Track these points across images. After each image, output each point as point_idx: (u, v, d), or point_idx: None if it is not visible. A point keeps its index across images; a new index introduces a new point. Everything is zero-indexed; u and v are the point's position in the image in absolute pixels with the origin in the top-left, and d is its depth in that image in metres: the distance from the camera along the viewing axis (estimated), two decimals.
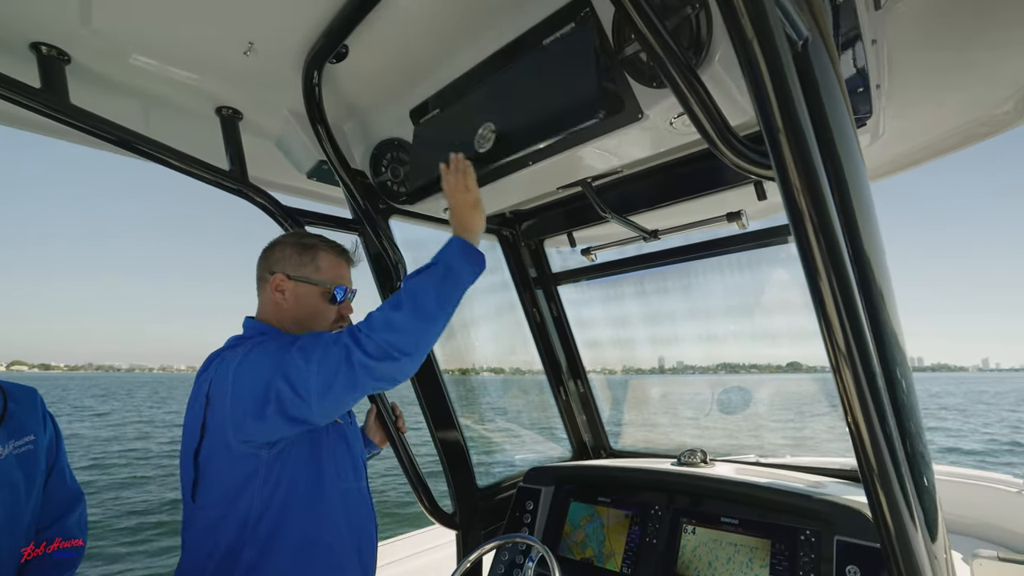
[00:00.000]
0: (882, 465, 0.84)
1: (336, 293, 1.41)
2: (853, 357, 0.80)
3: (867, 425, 0.83)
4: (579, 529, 1.81)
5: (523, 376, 2.56)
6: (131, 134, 1.38)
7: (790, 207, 0.79)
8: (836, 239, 0.78)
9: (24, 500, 1.23)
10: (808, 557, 1.34)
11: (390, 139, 1.67)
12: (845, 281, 0.79)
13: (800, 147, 0.77)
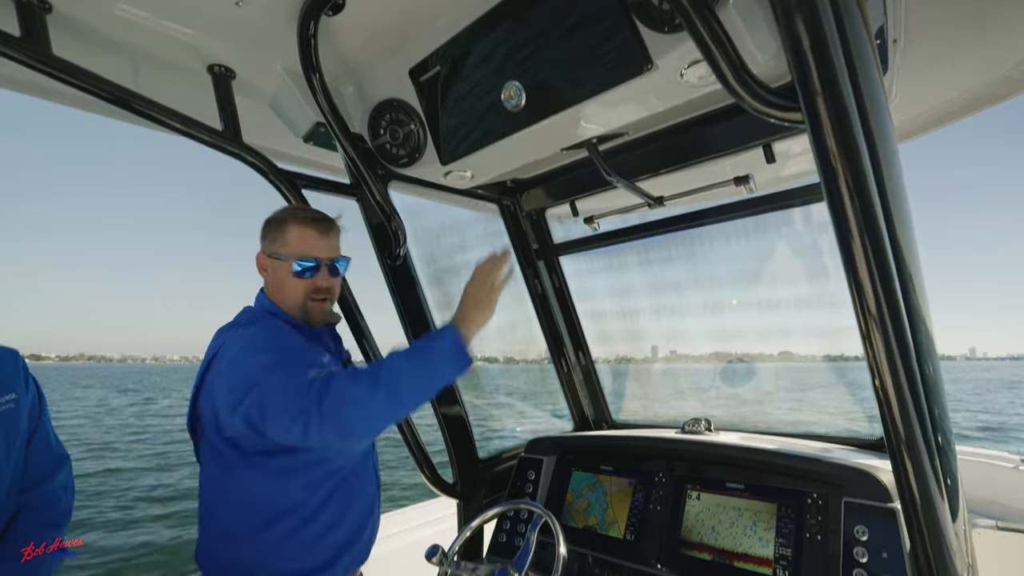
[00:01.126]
0: (910, 431, 0.82)
1: (295, 266, 1.39)
2: (884, 320, 0.77)
3: (896, 392, 0.80)
4: (581, 498, 1.80)
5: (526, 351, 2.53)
6: (120, 90, 1.33)
7: (821, 158, 0.75)
8: (869, 192, 0.74)
9: (3, 458, 1.20)
10: (815, 520, 1.33)
11: (389, 100, 1.61)
12: (878, 238, 0.75)
13: (833, 93, 0.73)
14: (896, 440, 0.84)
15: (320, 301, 1.44)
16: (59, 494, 1.33)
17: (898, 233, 0.80)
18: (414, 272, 1.94)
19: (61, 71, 1.22)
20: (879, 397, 0.83)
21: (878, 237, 0.74)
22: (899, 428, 0.82)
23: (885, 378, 0.80)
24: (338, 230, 1.49)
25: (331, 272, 1.44)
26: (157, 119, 1.38)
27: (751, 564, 1.37)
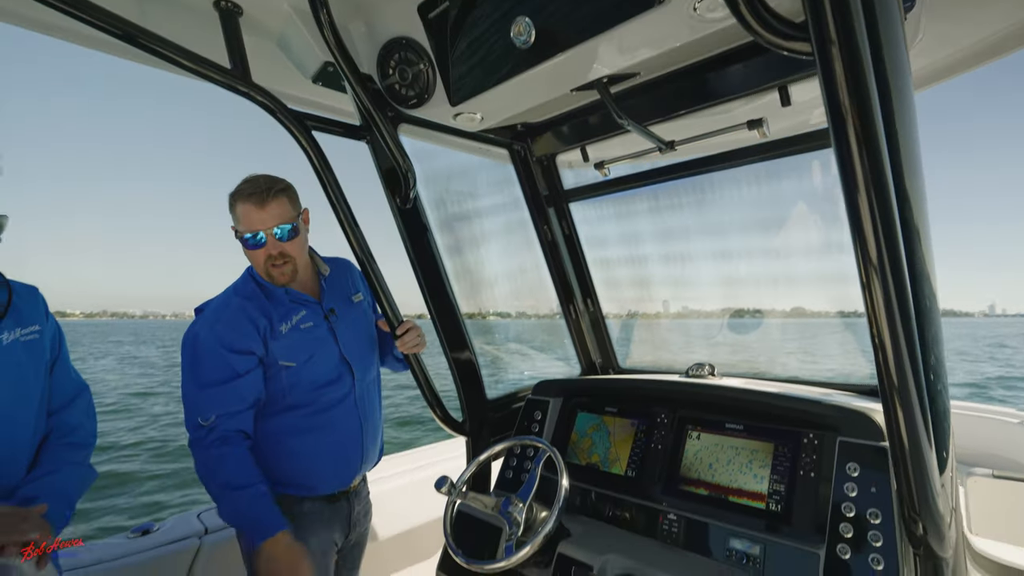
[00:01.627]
0: (903, 379, 0.83)
1: (244, 240, 1.57)
2: (884, 269, 0.77)
3: (892, 340, 0.81)
4: (586, 437, 1.87)
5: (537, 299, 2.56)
6: (128, 25, 1.32)
7: (830, 99, 0.73)
8: (877, 137, 0.73)
9: (32, 381, 1.29)
10: (810, 458, 1.38)
11: (398, 38, 1.59)
12: (883, 184, 0.74)
13: (846, 26, 0.70)
14: (888, 386, 0.85)
15: (279, 266, 1.59)
16: (80, 419, 1.42)
17: (906, 181, 0.80)
18: (424, 216, 1.96)
19: (85, 12, 1.22)
20: (874, 343, 0.84)
21: (883, 183, 0.73)
22: (892, 374, 0.84)
23: (882, 327, 0.81)
24: (281, 197, 1.58)
25: (278, 239, 1.56)
26: (165, 56, 1.37)
27: (745, 498, 1.43)
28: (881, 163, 0.71)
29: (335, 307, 1.76)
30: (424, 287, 1.98)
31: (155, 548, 1.91)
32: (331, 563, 1.72)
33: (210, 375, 1.52)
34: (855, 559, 1.20)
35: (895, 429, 0.87)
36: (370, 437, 1.79)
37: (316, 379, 1.65)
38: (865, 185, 0.73)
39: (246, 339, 1.55)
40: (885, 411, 0.86)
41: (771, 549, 1.33)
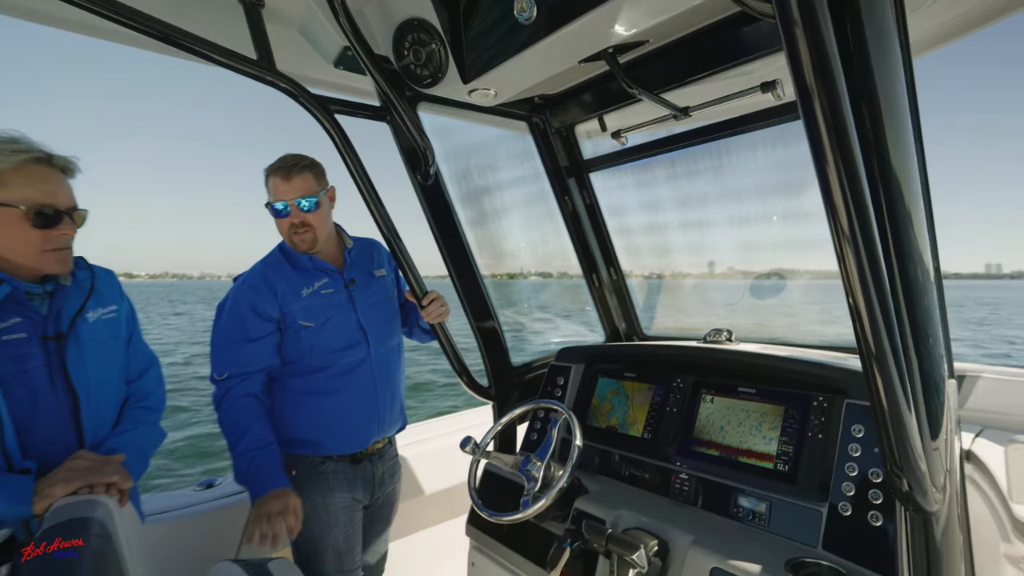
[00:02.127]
0: (879, 345, 0.84)
1: (272, 210, 1.75)
2: (856, 238, 0.78)
3: (867, 307, 0.82)
4: (606, 401, 1.94)
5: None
6: (163, 25, 1.42)
7: (794, 67, 0.73)
8: (842, 109, 0.72)
9: (114, 354, 1.48)
10: (818, 420, 1.40)
11: (411, 19, 1.64)
12: (848, 150, 0.74)
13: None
14: (866, 352, 0.86)
15: (300, 234, 1.76)
16: (152, 387, 1.61)
17: (889, 148, 0.80)
18: (446, 191, 2.03)
19: (112, 11, 1.33)
20: (851, 310, 0.85)
21: (848, 149, 0.73)
22: (869, 341, 0.84)
23: (856, 295, 0.82)
24: (306, 173, 1.74)
25: (300, 209, 1.73)
26: (196, 51, 1.47)
27: (754, 459, 1.47)
28: (846, 132, 0.73)
29: (356, 278, 1.90)
30: (447, 260, 2.06)
31: (217, 500, 2.13)
32: (355, 519, 1.87)
33: (228, 335, 1.73)
34: (855, 515, 1.23)
35: (874, 393, 0.89)
36: (386, 403, 1.91)
37: (333, 343, 1.79)
38: (832, 153, 0.74)
39: (265, 302, 1.72)
40: (864, 374, 0.88)
41: (777, 506, 1.38)
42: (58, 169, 1.32)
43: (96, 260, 1.54)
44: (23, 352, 1.26)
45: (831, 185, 0.75)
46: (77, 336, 1.35)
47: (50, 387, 1.29)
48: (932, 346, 0.93)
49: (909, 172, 0.85)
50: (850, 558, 1.20)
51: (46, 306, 1.34)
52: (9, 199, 1.23)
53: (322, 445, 1.82)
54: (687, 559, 1.31)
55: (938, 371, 0.96)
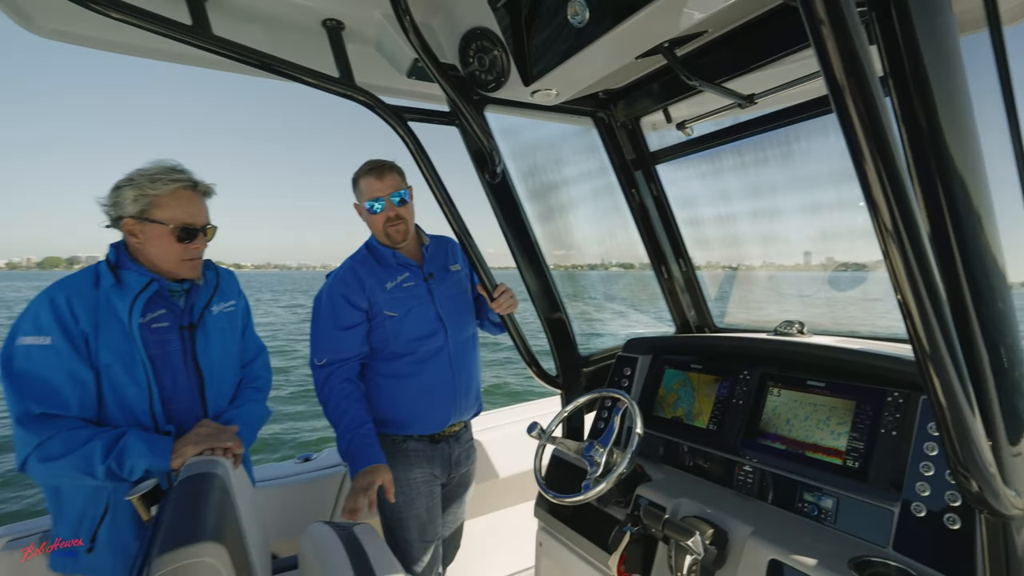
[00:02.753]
0: (934, 346, 0.81)
1: (368, 207, 1.94)
2: (900, 235, 0.75)
3: (918, 306, 0.79)
4: (672, 392, 1.95)
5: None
6: (260, 55, 1.62)
7: (821, 56, 0.73)
8: (875, 104, 0.71)
9: (232, 342, 1.75)
10: (893, 417, 1.34)
11: (474, 28, 1.73)
12: (885, 146, 0.72)
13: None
14: (920, 352, 0.83)
15: (395, 225, 1.93)
16: (261, 371, 1.88)
17: (947, 140, 0.78)
18: (513, 189, 2.12)
19: (221, 47, 1.54)
20: (902, 311, 0.83)
21: (885, 145, 0.71)
22: (923, 342, 0.81)
23: (906, 294, 0.79)
24: (397, 170, 1.93)
25: (395, 203, 1.91)
26: (287, 74, 1.66)
27: (820, 454, 1.43)
28: (883, 131, 0.72)
29: (434, 272, 2.05)
30: (516, 255, 2.15)
31: (314, 471, 2.38)
32: (435, 493, 2.03)
33: (325, 324, 1.93)
34: (930, 517, 1.18)
35: (932, 394, 0.86)
36: (463, 388, 2.05)
37: (414, 332, 1.95)
38: (871, 153, 0.73)
39: (355, 294, 1.91)
40: (918, 370, 0.86)
41: (844, 503, 1.34)
42: (200, 194, 1.59)
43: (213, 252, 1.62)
44: (165, 338, 1.53)
45: (868, 176, 0.75)
46: (204, 326, 1.62)
47: (184, 367, 1.56)
48: (1000, 341, 0.88)
49: (971, 164, 0.82)
50: (922, 560, 1.16)
51: (183, 301, 1.61)
52: (163, 218, 1.52)
53: (404, 425, 1.98)
54: (745, 549, 1.32)
55: (1006, 367, 0.91)
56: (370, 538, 1.54)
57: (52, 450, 1.33)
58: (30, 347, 1.37)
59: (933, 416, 0.91)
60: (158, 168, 1.57)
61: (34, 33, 1.66)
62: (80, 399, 1.41)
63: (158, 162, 1.59)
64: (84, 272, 1.52)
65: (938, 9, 0.79)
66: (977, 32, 1.20)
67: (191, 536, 0.95)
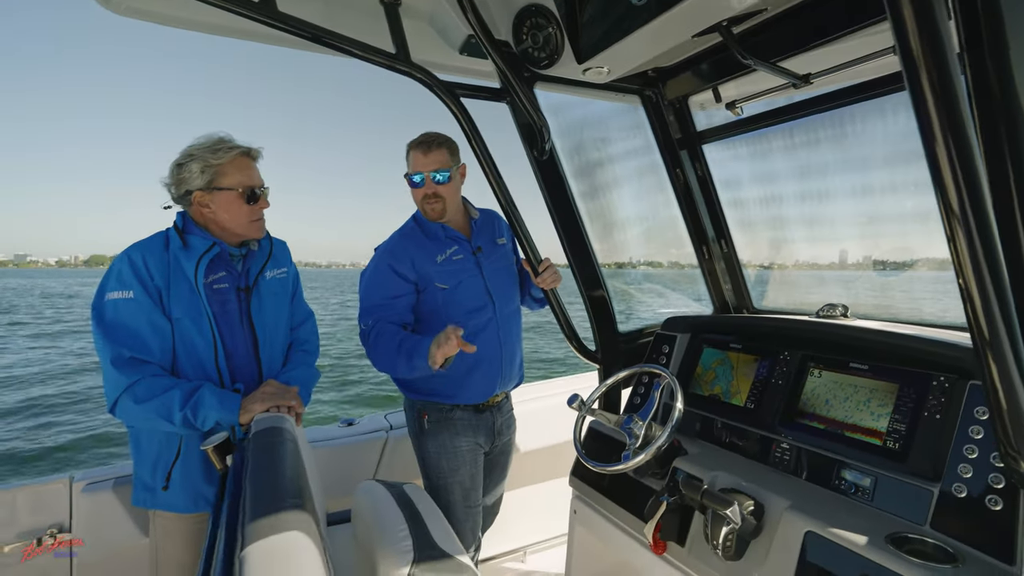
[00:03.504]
0: (993, 329, 0.83)
1: (410, 180, 1.98)
2: (968, 220, 0.77)
3: (980, 290, 0.81)
4: (710, 371, 1.98)
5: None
6: (319, 30, 1.68)
7: (899, 36, 0.74)
8: (953, 85, 0.72)
9: (284, 306, 1.86)
10: (938, 400, 1.35)
11: (528, 5, 1.75)
12: (960, 130, 0.73)
13: None
14: (979, 335, 0.85)
15: (431, 203, 1.96)
16: (309, 336, 1.99)
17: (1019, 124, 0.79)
18: (560, 166, 2.15)
19: (284, 23, 1.60)
20: (962, 294, 0.84)
21: (960, 129, 0.73)
22: (982, 325, 0.83)
23: (969, 279, 0.81)
24: (443, 148, 1.93)
25: (434, 181, 1.93)
26: (348, 51, 1.72)
27: (860, 434, 1.46)
28: (958, 109, 0.73)
29: (482, 246, 2.10)
30: (561, 232, 2.20)
31: (357, 435, 2.50)
32: (479, 460, 2.12)
33: (372, 293, 1.99)
34: (971, 498, 1.20)
35: (988, 378, 0.88)
36: (508, 359, 2.12)
37: (465, 303, 2.01)
38: (942, 131, 0.75)
39: (402, 265, 1.97)
40: (975, 350, 0.88)
41: (883, 482, 1.37)
42: (253, 159, 1.67)
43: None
44: (226, 298, 1.64)
45: (941, 165, 0.76)
46: (259, 290, 1.72)
47: (240, 327, 1.67)
48: None
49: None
50: (961, 539, 1.18)
51: (240, 265, 1.71)
52: (229, 184, 1.62)
53: (452, 395, 2.06)
54: (782, 521, 1.36)
55: None
56: (420, 495, 1.64)
57: (139, 393, 1.47)
58: (117, 300, 1.51)
59: (986, 400, 0.92)
60: (213, 141, 1.66)
61: (112, 11, 1.74)
62: (160, 346, 1.55)
63: (208, 136, 1.68)
64: (155, 236, 1.64)
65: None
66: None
67: (280, 482, 1.05)
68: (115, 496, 2.00)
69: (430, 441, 2.06)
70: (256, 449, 1.26)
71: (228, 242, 1.69)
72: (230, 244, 1.70)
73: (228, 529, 1.04)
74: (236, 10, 1.54)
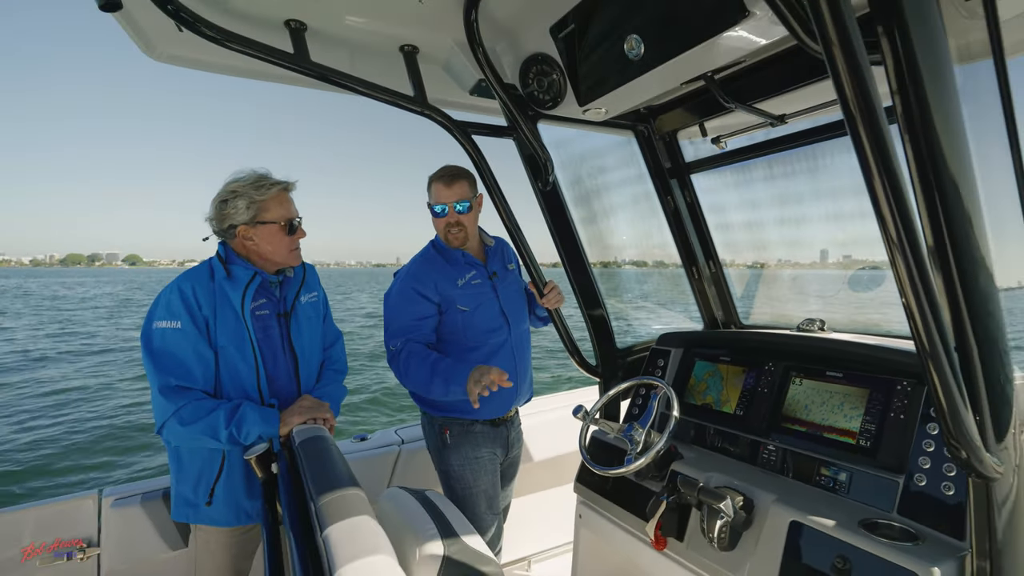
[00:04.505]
0: (931, 340, 0.97)
1: (433, 211, 2.14)
2: (904, 248, 0.89)
3: (918, 308, 0.95)
4: (702, 382, 2.16)
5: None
6: (347, 77, 1.86)
7: (839, 91, 0.91)
8: (879, 126, 0.89)
9: (317, 328, 2.01)
10: (901, 403, 1.54)
11: (535, 54, 1.95)
12: (890, 168, 0.89)
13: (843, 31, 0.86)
14: (919, 345, 0.99)
15: (454, 232, 2.12)
16: (339, 355, 2.14)
17: (947, 162, 0.96)
18: (562, 195, 2.35)
19: (316, 71, 1.78)
20: (905, 311, 1.00)
21: (890, 167, 0.90)
22: (921, 337, 0.97)
23: (909, 299, 0.95)
24: (463, 180, 2.09)
25: (456, 211, 2.09)
26: (372, 95, 1.90)
27: (835, 435, 1.64)
28: (886, 150, 0.90)
29: (496, 271, 2.27)
30: (563, 256, 2.38)
31: (370, 450, 2.64)
32: (498, 469, 2.27)
33: (397, 315, 2.13)
34: (929, 486, 1.39)
35: (931, 381, 1.03)
36: (522, 376, 2.28)
37: (482, 325, 2.17)
38: (877, 169, 0.91)
39: (426, 288, 2.11)
40: (919, 358, 1.04)
41: (856, 476, 1.55)
42: (290, 191, 1.82)
43: None
44: (267, 324, 1.79)
45: (878, 195, 0.93)
46: (296, 315, 1.87)
47: (283, 350, 1.81)
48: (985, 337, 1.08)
49: (967, 182, 1.00)
50: (922, 522, 1.36)
51: (278, 292, 1.86)
52: (273, 218, 1.77)
53: (472, 411, 2.17)
54: (769, 513, 1.53)
55: (989, 360, 1.09)
56: (441, 500, 1.79)
57: (184, 416, 1.60)
58: (165, 330, 1.64)
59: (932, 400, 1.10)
60: (255, 177, 1.80)
61: (153, 58, 1.91)
62: (204, 374, 1.68)
63: (249, 172, 1.82)
64: (201, 267, 1.78)
65: (936, 48, 0.97)
66: (983, 60, 1.39)
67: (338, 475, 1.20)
68: (143, 511, 2.10)
69: (453, 454, 2.18)
70: (308, 454, 1.41)
71: (267, 270, 1.84)
72: (268, 272, 1.85)
73: (294, 523, 1.19)
74: (275, 60, 1.72)
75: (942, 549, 1.26)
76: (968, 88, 1.28)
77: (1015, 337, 1.23)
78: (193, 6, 1.52)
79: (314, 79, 1.85)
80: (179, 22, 1.49)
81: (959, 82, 1.06)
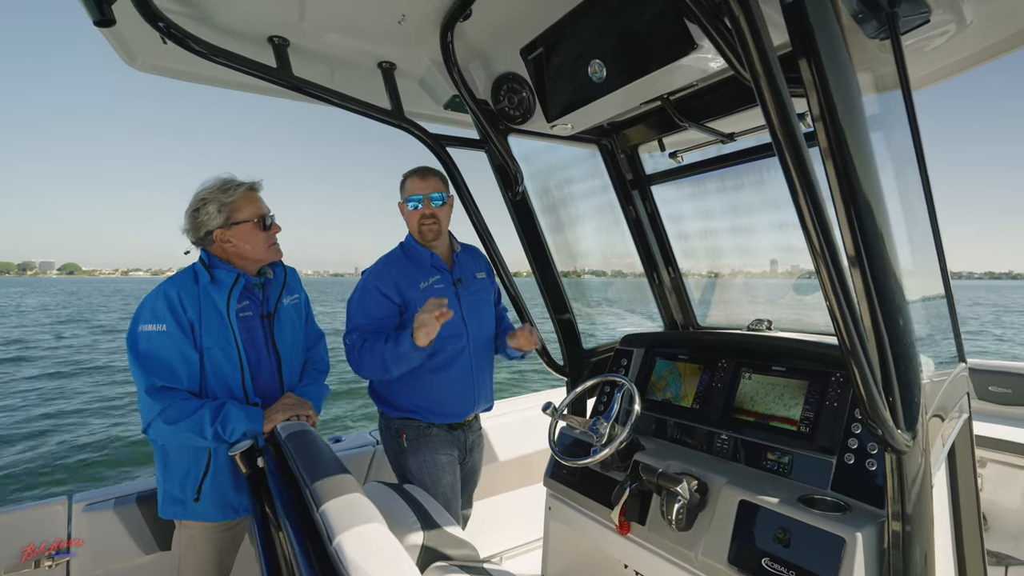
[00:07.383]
0: (849, 333, 1.12)
1: (408, 203, 2.19)
2: (825, 255, 1.05)
3: (839, 309, 1.11)
4: (662, 379, 2.31)
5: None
6: (327, 91, 1.95)
7: (765, 114, 1.06)
8: (799, 148, 1.04)
9: (299, 330, 2.08)
10: (835, 392, 1.72)
11: (506, 73, 2.09)
12: (811, 186, 1.05)
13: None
14: (839, 337, 1.15)
15: (428, 224, 2.17)
16: (322, 355, 2.21)
17: (859, 180, 1.12)
18: (531, 204, 2.48)
19: (298, 84, 1.87)
20: (829, 311, 1.17)
21: (810, 185, 1.06)
22: (841, 332, 1.13)
23: (831, 301, 1.10)
24: (438, 176, 2.18)
25: (432, 202, 2.16)
26: (352, 108, 2.00)
27: (780, 423, 1.81)
28: (807, 170, 1.06)
29: (462, 278, 2.33)
30: (532, 262, 2.52)
31: (345, 451, 2.70)
32: (456, 472, 2.30)
33: (360, 312, 2.17)
34: (856, 464, 1.56)
35: (851, 370, 1.18)
36: (480, 385, 2.33)
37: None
38: (801, 186, 1.07)
39: (387, 288, 2.15)
40: (840, 349, 1.20)
41: (797, 459, 1.72)
42: (257, 191, 1.90)
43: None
44: (251, 325, 1.85)
45: (803, 210, 1.09)
46: (279, 316, 1.94)
47: (266, 350, 1.88)
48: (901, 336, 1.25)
49: (875, 195, 1.17)
50: (851, 495, 1.54)
51: (261, 294, 1.93)
52: (245, 217, 1.83)
53: (428, 414, 2.24)
54: (721, 494, 1.69)
55: (897, 351, 1.26)
56: (423, 495, 1.88)
57: (170, 416, 1.65)
58: (150, 333, 1.69)
59: (851, 382, 1.26)
60: (221, 182, 1.86)
61: (135, 68, 1.97)
62: (189, 375, 1.73)
63: (213, 179, 1.87)
64: (185, 271, 1.84)
65: (848, 82, 1.13)
66: (894, 91, 1.59)
67: (327, 460, 1.29)
68: (116, 516, 2.09)
69: (410, 459, 2.21)
70: (295, 446, 1.49)
71: (249, 271, 1.90)
72: (250, 274, 1.91)
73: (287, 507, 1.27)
74: (258, 74, 1.80)
75: (866, 517, 1.43)
76: (882, 115, 1.48)
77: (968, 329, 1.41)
78: (182, 22, 1.60)
79: (295, 92, 1.93)
80: (168, 37, 1.56)
81: (875, 111, 1.24)
